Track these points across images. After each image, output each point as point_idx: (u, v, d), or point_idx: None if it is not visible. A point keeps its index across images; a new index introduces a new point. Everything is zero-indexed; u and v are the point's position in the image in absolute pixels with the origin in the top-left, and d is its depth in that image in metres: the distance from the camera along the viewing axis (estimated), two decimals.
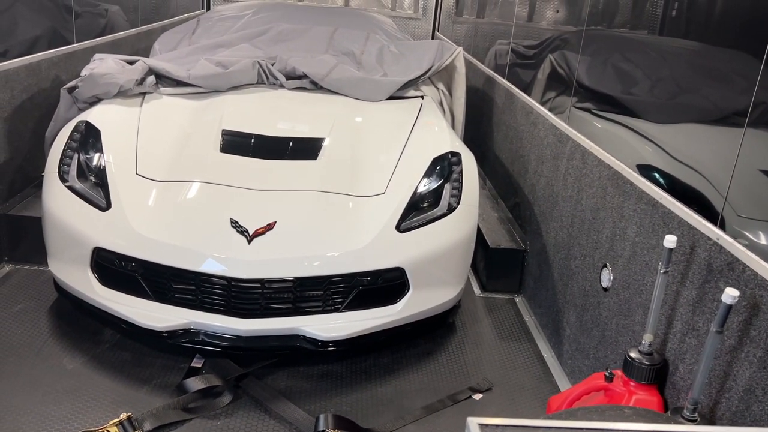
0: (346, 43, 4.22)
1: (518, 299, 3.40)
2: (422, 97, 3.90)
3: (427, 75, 4.00)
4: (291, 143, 3.04)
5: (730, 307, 1.53)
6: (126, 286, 2.59)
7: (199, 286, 2.52)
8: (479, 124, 4.60)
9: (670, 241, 1.81)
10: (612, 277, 2.34)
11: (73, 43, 3.94)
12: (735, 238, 1.69)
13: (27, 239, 3.24)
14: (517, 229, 3.53)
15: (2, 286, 3.08)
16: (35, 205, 3.33)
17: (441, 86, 4.20)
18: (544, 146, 3.19)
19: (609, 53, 2.68)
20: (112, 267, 2.60)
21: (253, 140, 3.02)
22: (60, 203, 2.70)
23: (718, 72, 1.89)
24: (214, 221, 2.57)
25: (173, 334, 2.53)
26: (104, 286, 2.62)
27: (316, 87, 3.69)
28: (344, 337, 2.57)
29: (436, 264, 2.76)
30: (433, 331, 3.01)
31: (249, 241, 2.51)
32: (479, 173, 3.48)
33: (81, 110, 3.22)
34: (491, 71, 4.49)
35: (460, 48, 4.15)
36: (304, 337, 2.55)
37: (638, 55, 2.42)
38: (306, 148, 3.02)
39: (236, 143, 2.98)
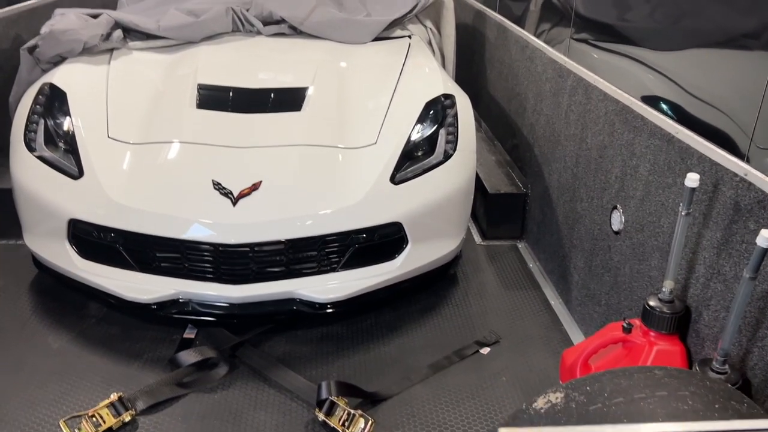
0: None
1: (521, 245, 3.27)
2: (410, 36, 3.67)
3: (414, 12, 3.75)
4: (272, 94, 2.83)
5: (766, 250, 1.39)
6: (107, 257, 2.44)
7: (185, 254, 2.36)
8: (470, 62, 4.37)
9: (692, 179, 1.65)
10: (623, 220, 2.19)
11: None
12: (764, 173, 1.54)
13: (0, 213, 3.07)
14: (517, 172, 3.37)
15: None
16: (4, 176, 3.13)
17: (429, 24, 3.95)
18: (543, 82, 3.00)
19: None
20: (90, 239, 2.44)
21: (231, 93, 2.81)
22: (29, 174, 2.52)
23: None
24: (195, 184, 2.39)
25: (162, 306, 2.39)
26: (84, 259, 2.46)
27: (296, 32, 3.46)
28: (342, 298, 2.44)
29: (434, 215, 2.61)
30: (434, 285, 2.89)
31: (234, 203, 2.34)
32: (474, 115, 3.29)
33: (45, 71, 3.00)
34: (480, 5, 4.24)
35: None
36: (301, 300, 2.42)
37: None
38: (289, 99, 2.81)
39: (213, 98, 2.78)
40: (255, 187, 2.39)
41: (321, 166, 2.52)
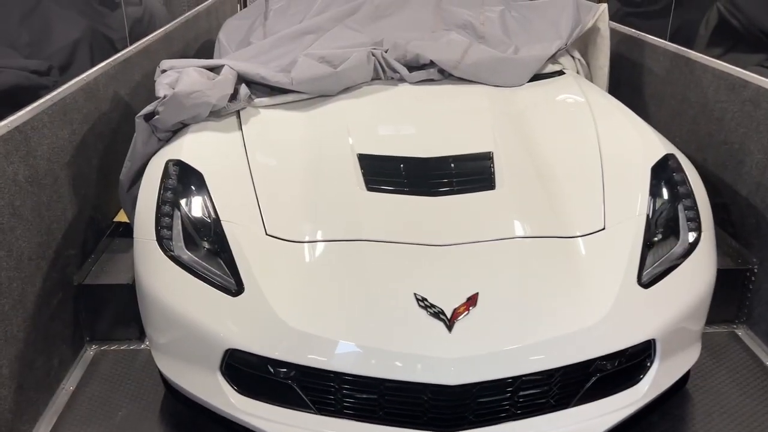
0: (459, 11, 3.36)
1: (741, 332, 2.62)
2: (562, 72, 3.08)
3: (569, 42, 3.17)
4: (452, 164, 2.25)
5: None
6: (273, 394, 1.87)
7: (382, 395, 1.78)
8: (622, 99, 3.74)
9: None
10: None
11: (128, 47, 3.15)
12: None
13: (108, 311, 2.53)
14: (729, 241, 2.72)
15: (91, 379, 2.37)
16: (111, 267, 2.58)
17: (576, 54, 3.35)
18: None
19: None
20: (253, 371, 1.88)
21: (402, 166, 2.24)
22: (167, 283, 1.95)
23: None
24: (393, 300, 1.81)
25: None
26: (241, 395, 1.90)
27: (444, 76, 2.88)
28: None
29: (688, 321, 1.99)
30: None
31: (449, 328, 1.75)
32: None
33: (161, 141, 2.46)
34: (635, 31, 3.62)
35: (605, 5, 3.29)
36: None
37: None
38: (475, 172, 2.22)
39: (383, 174, 2.20)
40: (472, 302, 1.79)
41: (545, 266, 1.92)
